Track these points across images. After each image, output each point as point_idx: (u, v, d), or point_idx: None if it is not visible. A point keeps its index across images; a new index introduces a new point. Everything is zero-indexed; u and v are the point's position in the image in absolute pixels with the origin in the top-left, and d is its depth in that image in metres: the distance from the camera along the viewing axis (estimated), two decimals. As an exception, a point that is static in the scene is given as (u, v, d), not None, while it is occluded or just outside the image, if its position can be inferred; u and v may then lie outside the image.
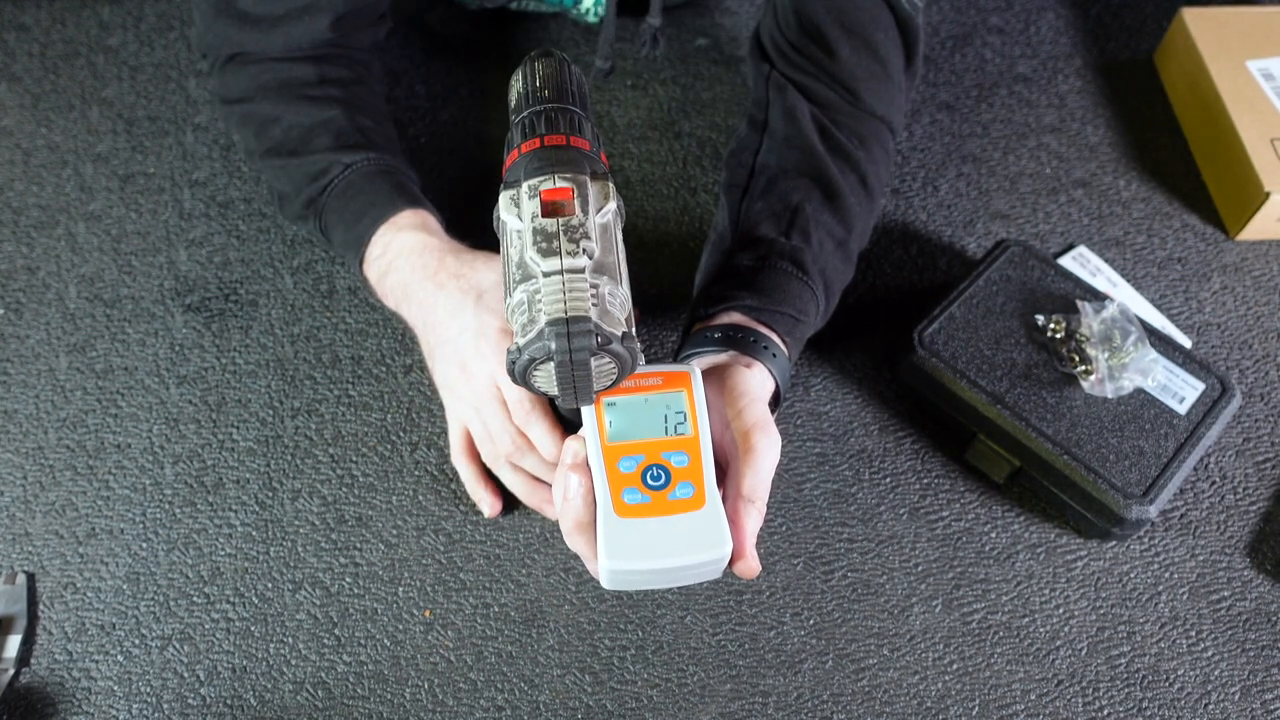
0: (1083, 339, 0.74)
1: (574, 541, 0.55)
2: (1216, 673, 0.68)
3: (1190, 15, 0.95)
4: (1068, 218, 0.89)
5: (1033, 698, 0.66)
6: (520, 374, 0.53)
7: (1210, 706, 0.66)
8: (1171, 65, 0.98)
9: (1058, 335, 0.74)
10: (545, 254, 0.52)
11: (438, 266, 0.67)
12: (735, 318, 0.64)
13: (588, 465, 0.54)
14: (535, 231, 0.53)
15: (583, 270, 0.52)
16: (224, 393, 0.77)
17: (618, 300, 0.53)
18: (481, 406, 0.65)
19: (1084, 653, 0.68)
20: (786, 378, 0.63)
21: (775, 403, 0.63)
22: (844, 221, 0.70)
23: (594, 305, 0.52)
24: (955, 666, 0.67)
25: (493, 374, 0.64)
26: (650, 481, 0.53)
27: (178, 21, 0.99)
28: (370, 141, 0.73)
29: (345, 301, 0.82)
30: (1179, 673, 0.68)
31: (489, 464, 0.69)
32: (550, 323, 0.51)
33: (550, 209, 0.53)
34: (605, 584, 0.54)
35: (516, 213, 0.54)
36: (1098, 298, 0.77)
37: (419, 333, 0.69)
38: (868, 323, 0.81)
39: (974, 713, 0.66)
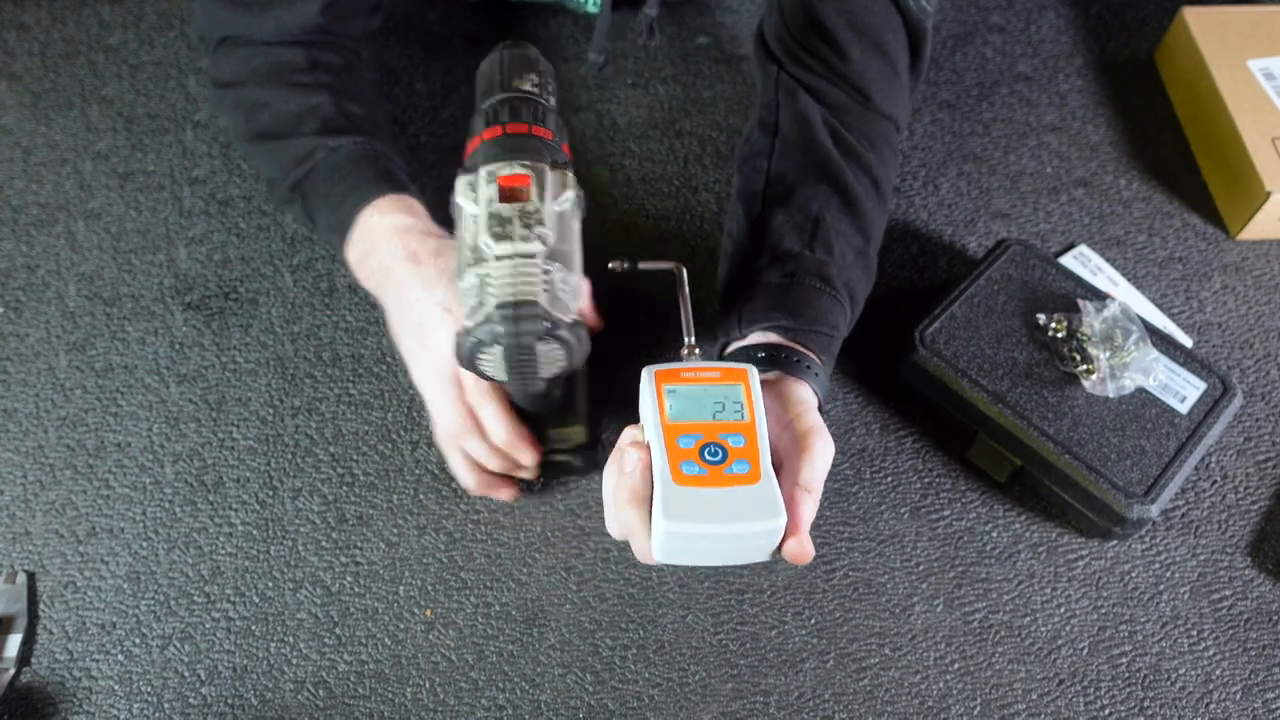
0: (1084, 338, 0.74)
1: (625, 516, 0.54)
2: (1218, 672, 0.68)
3: (1191, 14, 0.95)
4: (1069, 217, 0.89)
5: (1034, 697, 0.66)
6: (467, 356, 0.54)
7: (1211, 706, 0.66)
8: (1172, 64, 0.98)
9: (1059, 334, 0.74)
10: (498, 238, 0.53)
11: (418, 247, 0.67)
12: (773, 338, 0.64)
13: (645, 444, 0.55)
14: (490, 216, 0.53)
15: (535, 255, 0.53)
16: (224, 391, 0.77)
17: (570, 288, 0.54)
18: (437, 380, 0.65)
19: (1085, 652, 0.68)
20: (827, 394, 0.64)
21: None
22: (863, 229, 0.70)
23: (545, 291, 0.53)
24: (957, 666, 0.67)
25: (452, 349, 0.64)
26: (708, 456, 0.53)
27: (178, 20, 0.99)
28: (357, 126, 0.73)
29: (346, 300, 0.81)
30: (1180, 672, 0.68)
31: (439, 443, 0.69)
32: (499, 306, 0.52)
33: (507, 195, 0.54)
34: (658, 554, 0.54)
35: (473, 197, 0.55)
36: (1099, 297, 0.76)
37: (392, 312, 0.69)
38: (869, 322, 0.81)
39: (975, 712, 0.66)
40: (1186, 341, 0.81)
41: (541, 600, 0.69)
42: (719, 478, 0.53)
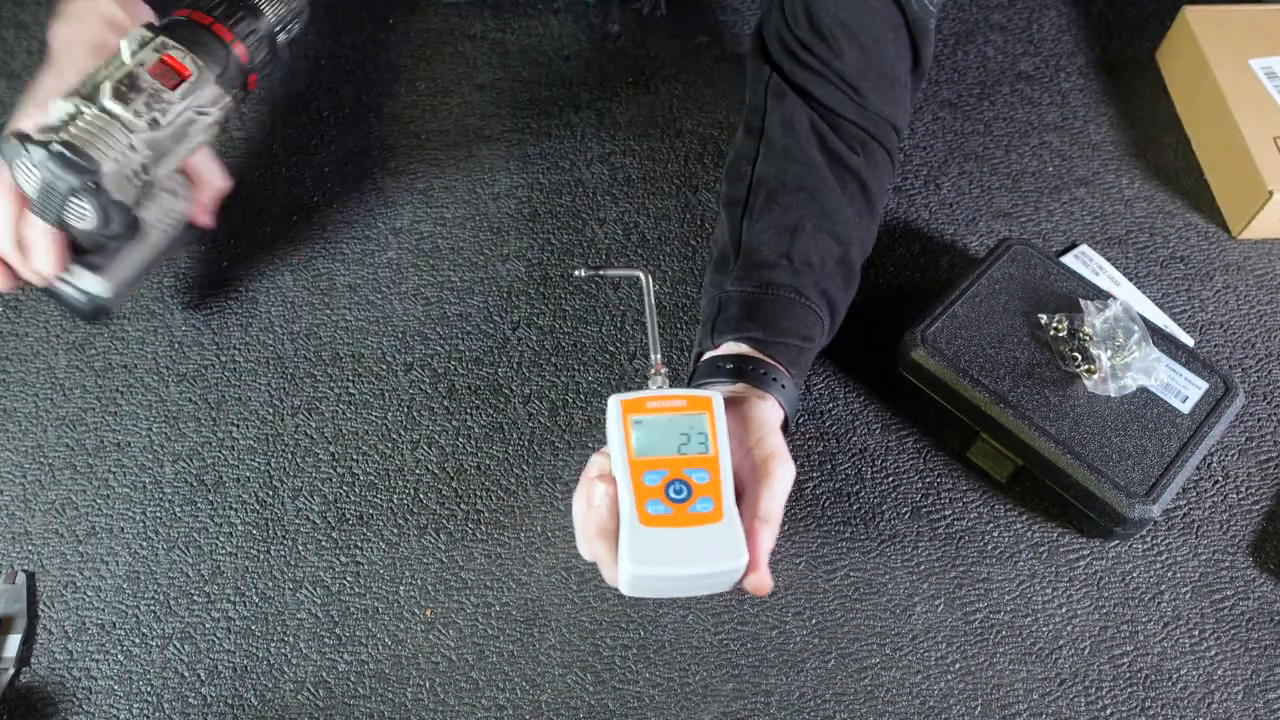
0: (1085, 338, 0.74)
1: (594, 547, 0.56)
2: (1219, 672, 0.67)
3: (1193, 13, 0.95)
4: (1070, 216, 0.89)
5: (1035, 697, 0.66)
6: (8, 156, 0.57)
7: (1213, 706, 0.66)
8: (1174, 63, 0.98)
9: (1060, 334, 0.74)
10: (117, 95, 0.56)
11: (110, 41, 0.65)
12: (742, 349, 0.64)
13: (612, 477, 0.56)
14: (129, 74, 0.56)
15: (128, 128, 0.56)
16: (224, 390, 0.77)
17: (151, 181, 0.58)
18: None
19: (1087, 652, 0.68)
20: (795, 406, 0.64)
21: (784, 429, 0.63)
22: (844, 237, 0.69)
23: (114, 160, 0.56)
24: (958, 666, 0.67)
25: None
26: (673, 495, 0.55)
27: (177, 18, 0.99)
28: None
29: (345, 299, 0.81)
30: (1182, 672, 0.67)
31: None
32: (63, 143, 0.55)
33: (157, 70, 0.57)
34: (625, 590, 0.56)
35: (133, 50, 0.58)
36: (1100, 296, 0.76)
37: (41, 72, 0.69)
38: (869, 321, 0.81)
39: (976, 712, 0.66)
40: (1188, 341, 0.81)
41: (542, 600, 0.69)
42: (683, 517, 0.54)
